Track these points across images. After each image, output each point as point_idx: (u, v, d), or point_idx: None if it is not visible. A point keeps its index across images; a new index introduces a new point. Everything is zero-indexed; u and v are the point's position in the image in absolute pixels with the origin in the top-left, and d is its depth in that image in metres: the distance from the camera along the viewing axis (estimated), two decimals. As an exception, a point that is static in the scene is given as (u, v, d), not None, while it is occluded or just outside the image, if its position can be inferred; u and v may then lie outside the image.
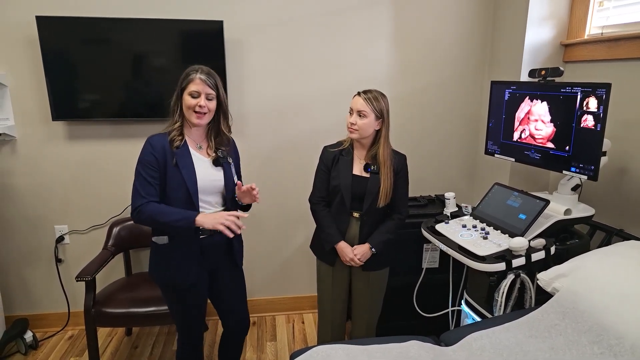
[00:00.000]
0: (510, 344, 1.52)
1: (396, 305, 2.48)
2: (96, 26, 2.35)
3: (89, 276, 2.23)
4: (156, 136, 1.75)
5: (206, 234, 1.82)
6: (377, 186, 1.97)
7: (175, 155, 1.73)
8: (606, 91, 1.73)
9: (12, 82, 2.46)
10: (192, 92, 1.71)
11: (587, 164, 1.85)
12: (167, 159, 1.72)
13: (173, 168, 1.73)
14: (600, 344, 1.38)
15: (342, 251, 2.02)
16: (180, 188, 1.73)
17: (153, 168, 1.70)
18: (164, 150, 1.72)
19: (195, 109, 1.72)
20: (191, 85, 1.72)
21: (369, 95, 1.92)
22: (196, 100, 1.71)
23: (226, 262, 1.94)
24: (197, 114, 1.73)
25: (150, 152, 1.71)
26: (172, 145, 1.74)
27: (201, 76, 1.72)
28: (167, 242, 1.79)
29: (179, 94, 1.75)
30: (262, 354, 2.63)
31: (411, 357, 1.48)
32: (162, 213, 1.69)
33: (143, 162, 1.71)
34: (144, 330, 2.85)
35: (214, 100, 1.77)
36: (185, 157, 1.76)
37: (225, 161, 1.86)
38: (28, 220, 2.66)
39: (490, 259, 1.77)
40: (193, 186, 1.75)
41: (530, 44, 2.43)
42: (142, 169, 1.71)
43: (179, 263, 1.81)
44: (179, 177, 1.73)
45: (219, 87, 1.78)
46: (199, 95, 1.72)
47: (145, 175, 1.70)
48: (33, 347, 2.64)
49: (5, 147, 2.53)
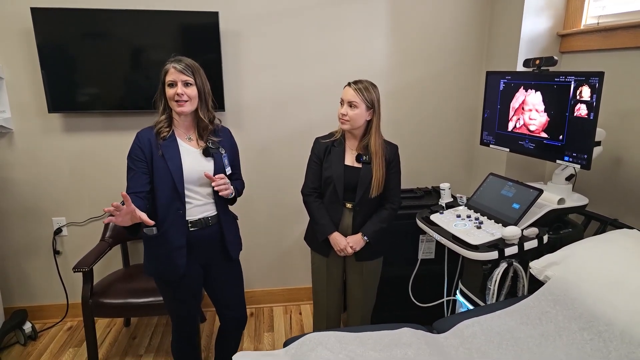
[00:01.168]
0: (502, 330, 1.53)
1: (392, 296, 2.50)
2: (91, 18, 2.36)
3: (86, 267, 2.25)
4: (143, 130, 1.81)
5: (197, 226, 1.83)
6: (369, 176, 1.97)
7: (161, 147, 1.76)
8: (599, 80, 1.72)
9: (8, 74, 2.46)
10: (169, 82, 1.73)
11: (580, 153, 1.85)
12: (153, 151, 1.75)
13: (160, 159, 1.75)
14: (590, 330, 1.39)
15: (335, 241, 2.03)
16: (167, 179, 1.75)
17: (139, 159, 1.75)
18: (149, 143, 1.76)
19: (175, 98, 1.73)
20: (167, 76, 1.74)
21: (360, 86, 1.92)
22: (174, 90, 1.72)
23: (220, 256, 1.94)
24: (178, 103, 1.73)
25: (137, 144, 1.77)
26: (158, 137, 1.77)
27: (175, 65, 1.73)
28: (155, 234, 1.80)
29: (161, 88, 1.77)
30: (259, 345, 2.65)
31: (403, 343, 1.49)
32: None
33: (130, 154, 1.78)
34: (142, 321, 2.87)
35: (194, 86, 1.75)
36: (172, 148, 1.77)
37: (216, 152, 1.85)
38: (26, 212, 2.67)
39: (484, 248, 1.78)
40: (179, 177, 1.76)
41: (526, 34, 2.43)
42: (129, 160, 1.78)
43: (167, 255, 1.81)
44: (165, 168, 1.75)
45: (196, 74, 1.76)
46: (176, 84, 1.72)
47: (131, 166, 1.77)
48: (32, 337, 2.66)
49: (2, 139, 2.55)
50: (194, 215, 1.82)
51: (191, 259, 1.85)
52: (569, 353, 1.37)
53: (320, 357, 1.42)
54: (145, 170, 1.75)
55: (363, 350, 1.46)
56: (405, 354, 1.44)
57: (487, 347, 1.47)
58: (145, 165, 1.75)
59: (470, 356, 1.45)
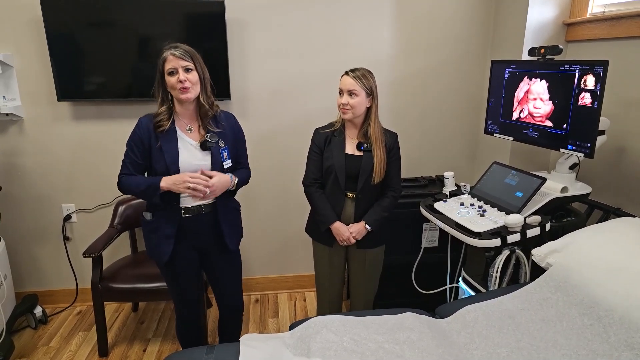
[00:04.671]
0: (503, 316, 1.56)
1: (395, 284, 2.52)
2: (99, 6, 2.38)
3: (95, 252, 2.30)
4: (145, 117, 1.82)
5: (190, 213, 1.84)
6: (370, 164, 1.98)
7: (159, 139, 1.76)
8: (603, 68, 1.73)
9: (18, 62, 2.49)
10: (169, 70, 1.71)
11: (584, 142, 1.86)
12: (152, 141, 1.77)
13: (157, 150, 1.76)
14: (590, 316, 1.41)
15: (337, 231, 2.04)
16: (163, 170, 1.77)
17: (136, 145, 1.79)
18: (148, 131, 1.78)
19: (178, 86, 1.71)
20: (166, 64, 1.72)
21: (357, 74, 1.93)
22: (175, 77, 1.71)
23: (217, 245, 1.94)
24: (182, 90, 1.72)
25: (137, 131, 1.79)
26: (157, 129, 1.76)
27: (173, 52, 1.71)
28: (151, 219, 1.85)
29: (160, 78, 1.76)
30: (264, 330, 2.69)
31: (406, 327, 1.53)
32: (134, 184, 1.79)
33: (130, 140, 1.81)
34: (149, 306, 2.92)
35: (194, 71, 1.74)
36: (170, 142, 1.77)
37: (214, 145, 1.83)
38: (36, 199, 2.72)
39: (486, 235, 1.81)
40: (174, 171, 1.76)
41: (532, 23, 2.42)
42: (128, 145, 1.82)
43: (160, 240, 1.85)
44: (162, 161, 1.76)
45: (195, 59, 1.75)
46: (177, 72, 1.71)
47: (130, 152, 1.81)
48: (43, 322, 2.72)
49: (13, 127, 2.58)
50: (187, 204, 1.84)
51: (184, 245, 1.87)
52: (569, 338, 1.40)
53: (325, 339, 1.45)
54: (141, 158, 1.80)
55: (367, 333, 1.50)
56: (408, 337, 1.47)
57: (489, 331, 1.50)
58: (139, 150, 1.79)
59: (471, 340, 1.49)
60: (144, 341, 2.58)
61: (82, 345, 2.53)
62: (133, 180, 1.80)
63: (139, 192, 1.80)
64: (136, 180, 1.79)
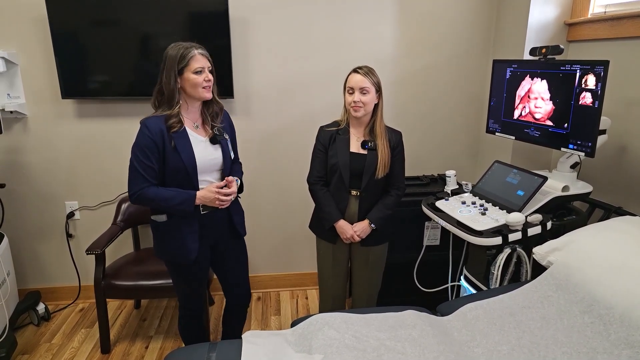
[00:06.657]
0: (504, 314, 1.57)
1: (397, 282, 2.54)
2: (104, 5, 2.39)
3: (98, 249, 2.31)
4: (151, 119, 1.74)
5: (208, 209, 1.86)
6: (375, 162, 2.00)
7: (173, 138, 1.74)
8: (604, 68, 1.74)
9: (23, 60, 2.51)
10: (197, 69, 1.72)
11: (585, 141, 1.87)
12: (166, 143, 1.72)
13: (172, 151, 1.74)
14: (591, 314, 1.42)
15: (341, 229, 2.06)
16: (180, 171, 1.76)
17: (150, 150, 1.71)
18: (162, 134, 1.71)
19: (204, 84, 1.74)
20: (193, 63, 1.71)
21: (365, 70, 1.96)
22: (202, 76, 1.73)
23: (227, 233, 1.99)
24: (206, 88, 1.75)
25: (148, 136, 1.70)
26: (170, 129, 1.73)
27: (200, 51, 1.74)
28: (165, 220, 1.84)
29: (177, 76, 1.72)
30: (266, 328, 2.70)
31: (408, 324, 1.54)
32: (163, 198, 1.74)
33: (141, 146, 1.71)
34: (152, 303, 2.93)
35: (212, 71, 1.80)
36: (184, 140, 1.76)
37: (222, 138, 1.88)
38: (39, 196, 2.73)
39: (488, 234, 1.82)
40: (193, 169, 1.77)
41: (534, 23, 2.43)
42: (139, 152, 1.71)
43: (180, 240, 1.84)
44: (179, 160, 1.74)
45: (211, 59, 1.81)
46: (203, 71, 1.74)
47: (143, 159, 1.71)
48: (45, 318, 2.74)
49: (17, 124, 2.60)
50: None
51: (202, 242, 1.89)
52: (569, 335, 1.41)
53: (327, 336, 1.46)
54: (156, 163, 1.73)
55: (368, 330, 1.51)
56: (409, 335, 1.49)
57: (489, 329, 1.52)
58: (155, 157, 1.72)
59: (472, 338, 1.50)
60: (146, 338, 2.59)
61: (84, 342, 2.55)
62: (161, 195, 1.74)
63: (170, 206, 1.75)
64: (163, 194, 1.74)
